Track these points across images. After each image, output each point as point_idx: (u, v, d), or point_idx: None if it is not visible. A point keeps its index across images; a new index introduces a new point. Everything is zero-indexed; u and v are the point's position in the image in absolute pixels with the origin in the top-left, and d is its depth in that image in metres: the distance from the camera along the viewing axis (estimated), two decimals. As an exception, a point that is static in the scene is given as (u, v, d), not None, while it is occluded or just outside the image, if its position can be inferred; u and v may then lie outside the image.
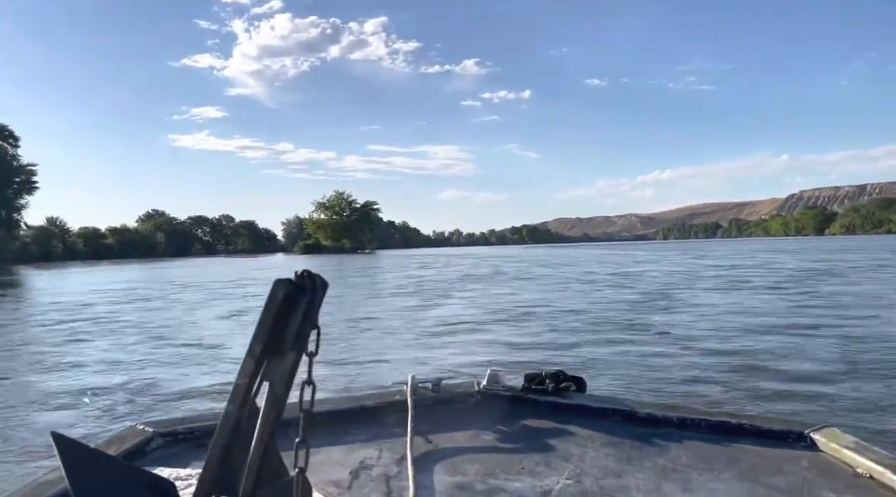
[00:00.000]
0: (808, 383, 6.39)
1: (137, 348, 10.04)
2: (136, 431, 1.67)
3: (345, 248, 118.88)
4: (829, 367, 7.08)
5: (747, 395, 5.95)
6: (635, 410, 1.86)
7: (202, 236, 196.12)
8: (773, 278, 21.66)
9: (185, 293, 23.15)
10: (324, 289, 0.97)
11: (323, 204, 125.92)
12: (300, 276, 0.96)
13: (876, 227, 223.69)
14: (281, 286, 0.95)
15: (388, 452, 1.63)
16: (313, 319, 0.96)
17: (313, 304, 0.96)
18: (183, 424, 1.71)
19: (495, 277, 28.58)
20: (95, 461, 1.02)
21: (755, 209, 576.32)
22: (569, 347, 8.97)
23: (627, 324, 11.24)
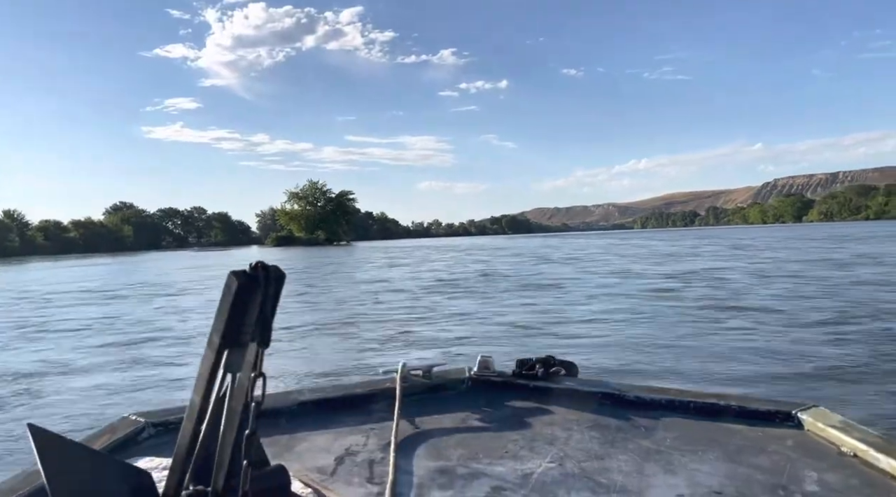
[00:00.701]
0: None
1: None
2: (128, 421, 1.67)
3: (319, 240, 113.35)
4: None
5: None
6: (624, 393, 1.86)
7: (173, 229, 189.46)
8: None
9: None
10: (279, 280, 0.97)
11: (296, 194, 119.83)
12: (254, 267, 0.96)
13: (854, 214, 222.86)
14: (235, 278, 0.94)
15: (374, 439, 1.63)
16: (268, 311, 0.96)
17: (268, 295, 0.96)
18: (174, 414, 1.69)
19: (493, 283, 18.95)
20: (72, 453, 1.02)
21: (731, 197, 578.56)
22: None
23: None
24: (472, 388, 2.03)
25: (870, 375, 6.19)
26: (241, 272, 0.95)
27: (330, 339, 9.82)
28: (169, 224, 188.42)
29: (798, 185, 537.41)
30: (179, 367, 7.84)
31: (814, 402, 1.71)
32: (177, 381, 7.08)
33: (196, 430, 0.99)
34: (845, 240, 43.22)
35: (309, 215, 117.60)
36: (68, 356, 9.00)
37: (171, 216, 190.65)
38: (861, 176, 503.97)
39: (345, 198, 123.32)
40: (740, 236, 64.33)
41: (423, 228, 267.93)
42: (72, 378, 7.50)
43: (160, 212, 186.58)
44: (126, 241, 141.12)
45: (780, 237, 56.08)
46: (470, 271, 25.42)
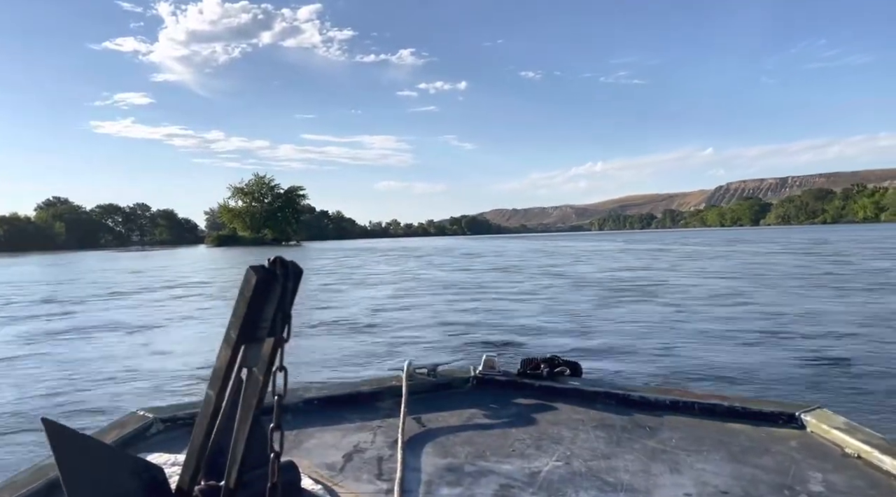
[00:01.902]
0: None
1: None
2: (137, 417, 1.67)
3: (266, 240, 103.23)
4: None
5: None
6: (628, 393, 1.87)
7: (114, 227, 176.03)
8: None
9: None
10: (297, 276, 0.97)
11: (241, 189, 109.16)
12: (272, 262, 0.96)
13: (811, 218, 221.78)
14: (253, 273, 0.94)
15: (381, 436, 1.63)
16: (287, 306, 0.97)
17: (286, 290, 0.96)
18: (183, 410, 1.70)
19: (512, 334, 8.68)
20: (86, 447, 1.02)
21: (685, 200, 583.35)
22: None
23: None
24: (477, 386, 2.03)
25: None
26: (259, 267, 0.95)
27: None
28: (109, 221, 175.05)
29: (750, 189, 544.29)
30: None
31: (817, 404, 1.72)
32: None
33: (211, 424, 0.99)
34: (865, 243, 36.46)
35: (254, 213, 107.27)
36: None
37: (112, 213, 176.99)
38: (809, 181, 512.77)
39: (294, 194, 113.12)
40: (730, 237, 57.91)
41: (380, 228, 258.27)
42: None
43: (99, 208, 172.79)
44: (57, 239, 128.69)
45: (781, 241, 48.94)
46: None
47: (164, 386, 6.14)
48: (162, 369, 6.90)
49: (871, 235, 54.34)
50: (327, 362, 7.03)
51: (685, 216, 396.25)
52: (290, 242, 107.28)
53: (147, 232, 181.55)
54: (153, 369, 6.91)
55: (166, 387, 6.10)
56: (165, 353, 8.01)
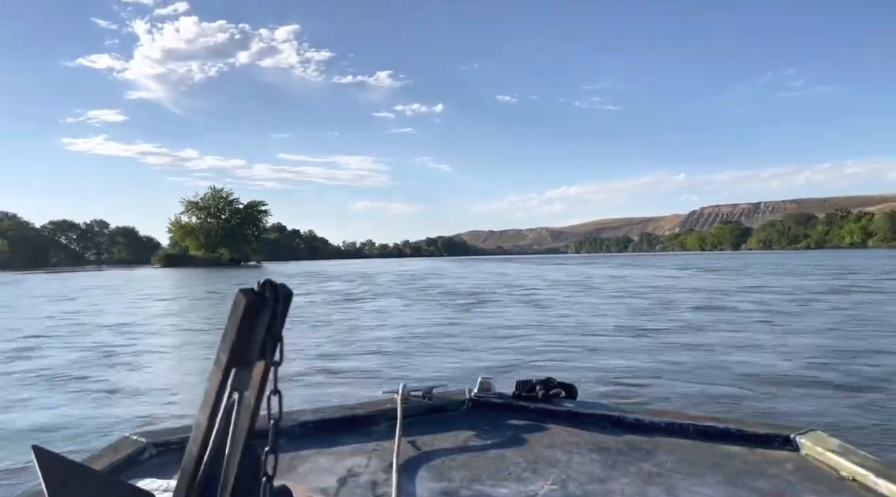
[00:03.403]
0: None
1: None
2: (130, 442, 1.62)
3: (221, 260, 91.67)
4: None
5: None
6: (623, 416, 1.84)
7: (67, 244, 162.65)
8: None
9: None
10: (287, 298, 0.95)
11: (195, 203, 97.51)
12: (262, 285, 0.94)
13: (793, 243, 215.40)
14: (243, 296, 0.92)
15: (376, 460, 1.59)
16: (277, 329, 0.94)
17: (276, 313, 0.94)
18: (175, 435, 1.65)
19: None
20: (76, 474, 1.00)
21: (659, 224, 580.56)
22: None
23: None
24: (472, 409, 1.99)
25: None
26: (249, 290, 0.93)
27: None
28: (63, 239, 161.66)
29: (723, 214, 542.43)
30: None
31: (811, 427, 1.69)
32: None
33: (202, 449, 0.96)
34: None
35: (209, 229, 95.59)
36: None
37: (66, 230, 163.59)
38: (781, 206, 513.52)
39: (255, 210, 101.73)
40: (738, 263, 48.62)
41: (354, 249, 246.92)
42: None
43: (52, 224, 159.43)
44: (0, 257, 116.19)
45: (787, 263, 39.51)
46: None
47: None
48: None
49: (885, 262, 46.64)
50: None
51: (662, 240, 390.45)
52: (250, 263, 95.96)
53: (105, 250, 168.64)
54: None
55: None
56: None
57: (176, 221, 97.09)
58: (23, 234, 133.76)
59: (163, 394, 6.90)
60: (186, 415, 5.27)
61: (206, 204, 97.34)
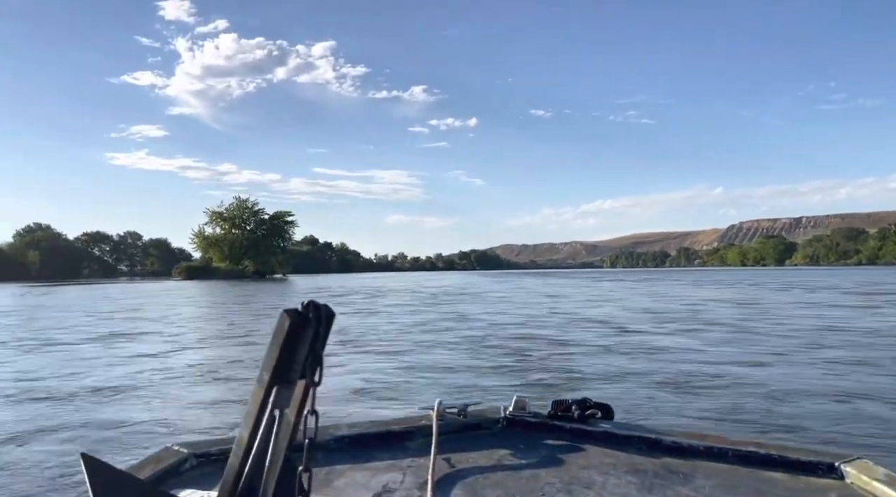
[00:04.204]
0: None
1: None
2: (171, 452, 1.63)
3: (246, 273, 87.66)
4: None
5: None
6: (661, 438, 1.76)
7: (101, 256, 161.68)
8: None
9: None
10: (329, 319, 0.96)
11: (219, 214, 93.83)
12: (306, 306, 0.95)
13: (842, 258, 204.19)
14: (287, 317, 0.93)
15: (411, 476, 1.57)
16: (319, 350, 0.96)
17: (318, 334, 0.95)
18: (215, 446, 1.66)
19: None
20: (122, 483, 1.02)
21: (697, 239, 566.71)
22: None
23: None
24: (507, 427, 1.94)
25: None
26: (293, 311, 0.94)
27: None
28: (96, 250, 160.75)
29: (763, 229, 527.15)
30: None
31: (857, 454, 1.58)
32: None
33: (242, 465, 0.98)
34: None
35: (234, 241, 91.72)
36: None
37: (99, 241, 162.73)
38: (824, 221, 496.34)
39: (281, 220, 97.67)
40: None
41: (386, 261, 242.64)
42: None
43: (85, 236, 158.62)
44: (31, 268, 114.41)
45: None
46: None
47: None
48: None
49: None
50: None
51: (701, 254, 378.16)
52: (275, 276, 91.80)
53: (138, 262, 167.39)
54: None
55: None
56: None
57: (200, 232, 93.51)
58: (55, 245, 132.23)
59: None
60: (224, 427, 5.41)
61: (230, 214, 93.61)
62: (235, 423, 0.68)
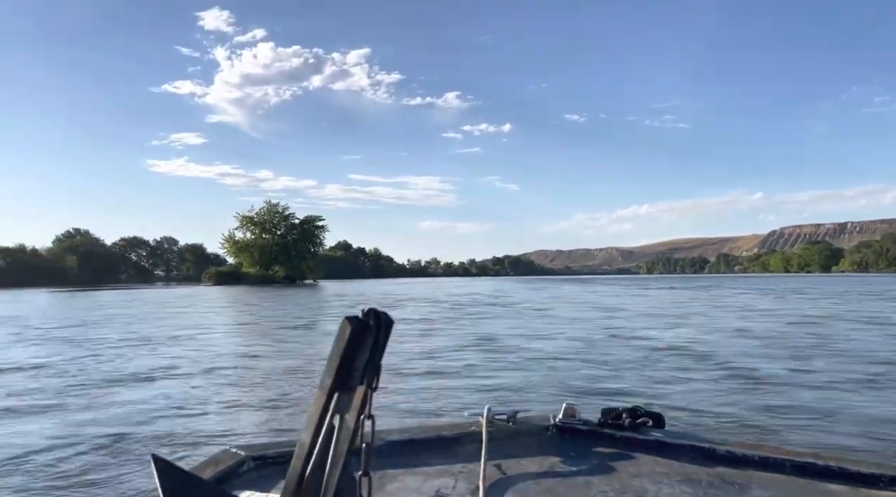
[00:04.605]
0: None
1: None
2: (230, 455, 1.66)
3: (276, 278, 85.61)
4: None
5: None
6: (715, 448, 1.72)
7: (138, 261, 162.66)
8: None
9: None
10: (388, 326, 0.98)
11: (249, 218, 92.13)
12: (366, 314, 0.98)
13: (893, 265, 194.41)
14: (348, 324, 0.96)
15: (462, 482, 1.58)
16: (378, 357, 0.98)
17: (378, 341, 0.97)
18: (273, 449, 1.70)
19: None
20: (190, 484, 1.05)
21: (736, 245, 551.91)
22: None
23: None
24: (557, 435, 1.93)
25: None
26: (353, 318, 0.96)
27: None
28: (132, 255, 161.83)
29: (805, 234, 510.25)
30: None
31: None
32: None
33: (304, 468, 1.00)
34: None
35: (264, 246, 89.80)
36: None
37: (136, 246, 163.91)
38: (870, 227, 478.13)
39: (311, 225, 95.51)
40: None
41: (419, 267, 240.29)
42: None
43: (122, 241, 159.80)
44: (69, 272, 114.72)
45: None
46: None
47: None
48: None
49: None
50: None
51: (741, 261, 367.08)
52: (306, 281, 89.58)
53: (174, 267, 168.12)
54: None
55: None
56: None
57: (230, 237, 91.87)
58: (92, 250, 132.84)
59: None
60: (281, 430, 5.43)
61: (261, 219, 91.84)
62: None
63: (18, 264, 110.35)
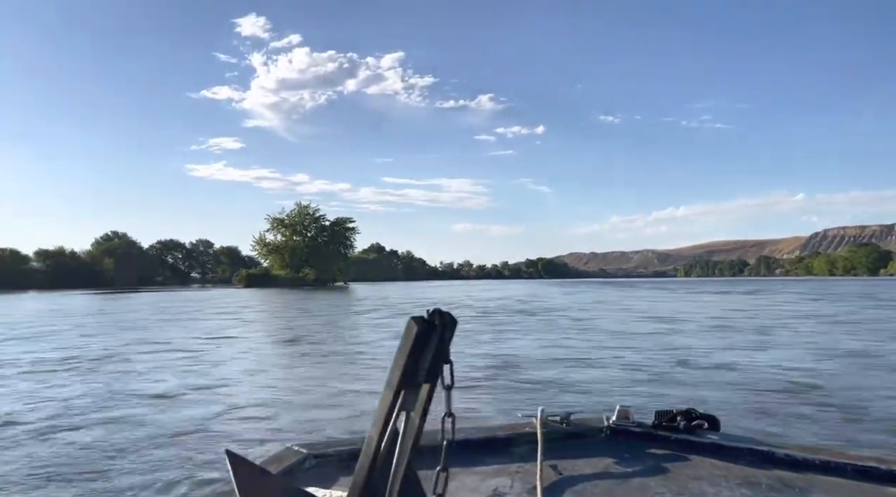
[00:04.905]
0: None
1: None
2: (292, 452, 1.71)
3: (306, 281, 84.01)
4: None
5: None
6: (774, 451, 1.70)
7: (174, 263, 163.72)
8: None
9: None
10: (453, 325, 1.00)
11: (280, 220, 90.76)
12: (431, 313, 1.00)
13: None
14: (414, 324, 0.98)
15: (519, 482, 1.59)
16: (445, 354, 1.00)
17: (444, 339, 0.99)
18: (333, 447, 1.74)
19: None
20: (263, 480, 1.09)
21: (777, 247, 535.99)
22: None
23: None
24: (611, 436, 1.94)
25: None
26: (419, 318, 0.98)
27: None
28: (169, 258, 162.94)
29: (850, 236, 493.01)
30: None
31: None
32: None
33: (372, 464, 1.01)
34: None
35: (295, 248, 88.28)
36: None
37: (172, 249, 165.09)
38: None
39: (342, 227, 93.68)
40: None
41: (452, 269, 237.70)
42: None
43: (159, 244, 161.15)
44: (106, 275, 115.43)
45: None
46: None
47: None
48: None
49: None
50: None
51: (783, 263, 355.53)
52: (337, 284, 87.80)
53: (210, 269, 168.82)
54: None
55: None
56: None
57: (261, 239, 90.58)
58: (129, 253, 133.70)
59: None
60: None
61: (291, 221, 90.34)
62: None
63: (57, 267, 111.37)
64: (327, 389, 7.81)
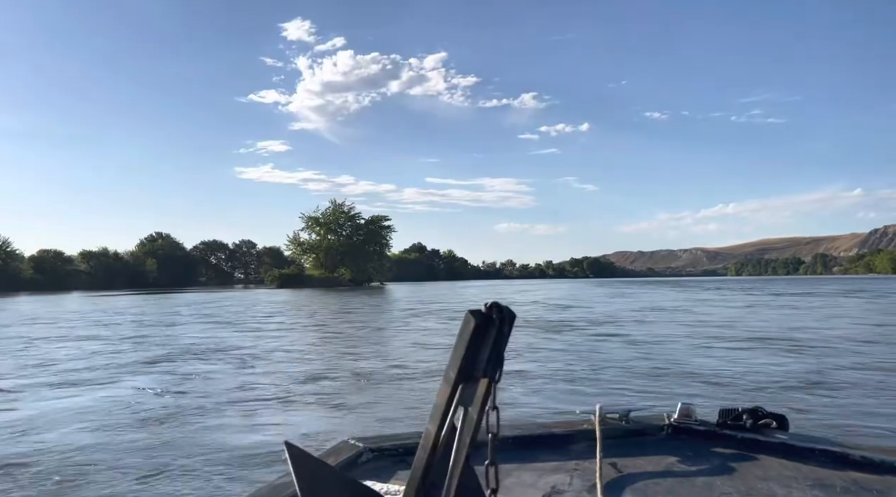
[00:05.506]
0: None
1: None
2: (349, 446, 1.71)
3: (341, 281, 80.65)
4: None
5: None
6: (847, 452, 1.61)
7: (217, 263, 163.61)
8: None
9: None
10: (511, 320, 0.99)
11: (315, 219, 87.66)
12: (489, 307, 0.98)
13: None
14: (472, 318, 0.97)
15: (578, 479, 1.55)
16: (501, 349, 0.98)
17: (502, 334, 0.98)
18: (389, 441, 1.74)
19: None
20: (321, 471, 1.08)
21: (834, 245, 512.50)
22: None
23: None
24: (672, 435, 1.87)
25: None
26: (477, 311, 0.97)
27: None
28: (212, 258, 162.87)
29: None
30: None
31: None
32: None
33: (431, 458, 1.01)
34: None
35: (330, 247, 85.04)
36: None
37: (216, 250, 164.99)
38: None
39: (377, 225, 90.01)
40: None
41: (494, 269, 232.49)
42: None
43: (203, 244, 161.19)
44: (148, 275, 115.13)
45: None
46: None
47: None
48: None
49: None
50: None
51: (841, 261, 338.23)
52: (372, 284, 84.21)
53: (252, 269, 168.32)
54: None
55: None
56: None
57: (294, 238, 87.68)
58: (172, 254, 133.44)
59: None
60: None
61: (326, 219, 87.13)
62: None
63: (101, 267, 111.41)
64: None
